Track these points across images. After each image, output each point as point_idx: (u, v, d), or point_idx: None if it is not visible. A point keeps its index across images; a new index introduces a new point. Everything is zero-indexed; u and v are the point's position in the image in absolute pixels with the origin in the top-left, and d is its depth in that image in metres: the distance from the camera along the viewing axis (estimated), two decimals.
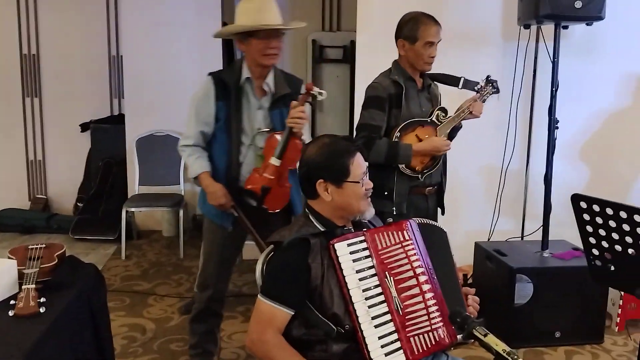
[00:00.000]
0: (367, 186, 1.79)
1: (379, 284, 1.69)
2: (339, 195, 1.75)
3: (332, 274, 1.68)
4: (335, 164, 1.75)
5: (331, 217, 1.79)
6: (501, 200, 3.76)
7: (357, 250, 1.70)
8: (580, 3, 3.06)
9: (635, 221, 1.75)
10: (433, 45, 2.64)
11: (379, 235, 1.74)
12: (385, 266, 1.70)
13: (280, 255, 1.75)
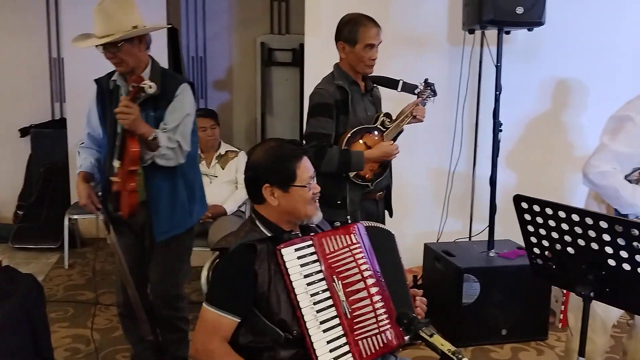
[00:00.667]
0: (314, 190, 1.77)
1: (327, 288, 1.67)
2: (286, 200, 1.73)
3: (279, 280, 1.65)
4: (281, 168, 1.72)
5: (278, 222, 1.76)
6: (449, 201, 3.82)
7: (304, 255, 1.69)
8: (521, 9, 3.15)
9: (573, 220, 1.79)
10: (373, 47, 2.59)
11: (326, 239, 1.73)
12: (333, 270, 1.69)
13: (226, 262, 1.71)
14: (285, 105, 5.02)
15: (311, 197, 1.76)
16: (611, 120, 2.29)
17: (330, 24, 3.52)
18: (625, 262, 1.73)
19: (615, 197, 2.18)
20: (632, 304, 1.85)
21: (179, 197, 2.46)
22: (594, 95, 3.87)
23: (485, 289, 3.14)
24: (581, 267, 1.84)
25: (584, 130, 3.86)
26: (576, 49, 3.82)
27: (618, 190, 2.16)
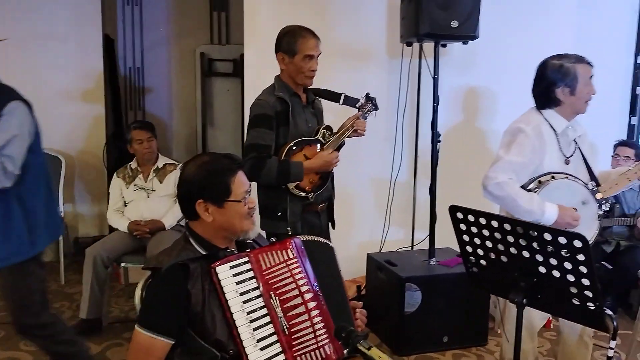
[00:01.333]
0: (250, 205, 1.74)
1: (264, 305, 1.65)
2: (221, 215, 1.69)
3: (214, 299, 1.61)
4: (215, 183, 1.68)
5: (212, 239, 1.72)
6: (391, 211, 3.86)
7: (240, 272, 1.65)
8: (456, 23, 3.23)
9: (505, 229, 1.84)
10: (313, 58, 2.60)
11: (263, 255, 1.70)
12: (270, 286, 1.67)
13: (158, 283, 1.66)
14: (227, 116, 4.96)
15: (247, 211, 1.73)
16: (505, 134, 2.40)
17: (269, 35, 3.51)
18: (554, 269, 1.78)
19: (513, 206, 2.24)
20: (561, 310, 1.91)
21: (14, 225, 2.32)
22: (527, 105, 4.00)
23: (426, 297, 3.18)
24: (514, 275, 1.89)
25: None
26: (510, 61, 3.95)
27: (515, 199, 2.23)
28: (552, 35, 4.18)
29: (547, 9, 4.19)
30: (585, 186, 2.31)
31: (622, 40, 4.84)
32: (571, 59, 2.35)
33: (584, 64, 2.34)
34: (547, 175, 2.29)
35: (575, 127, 2.40)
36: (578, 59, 2.35)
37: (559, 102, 2.35)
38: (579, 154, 2.40)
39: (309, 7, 3.70)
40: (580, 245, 1.69)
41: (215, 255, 1.67)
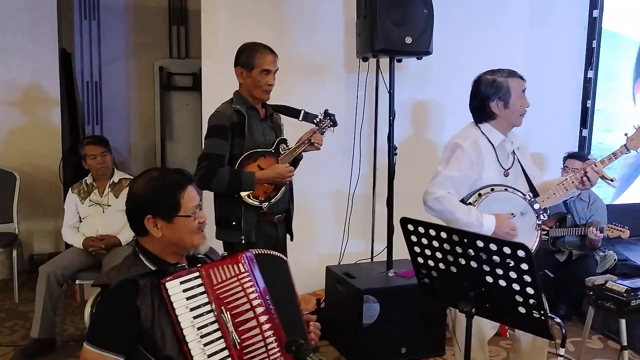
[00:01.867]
0: (200, 219, 1.74)
1: (215, 320, 1.64)
2: (170, 231, 1.68)
3: (164, 315, 1.60)
4: (164, 198, 1.68)
5: (162, 254, 1.71)
6: (350, 223, 3.89)
7: (191, 287, 1.64)
8: (410, 39, 3.30)
9: (454, 240, 1.88)
10: (270, 73, 2.68)
11: (214, 269, 1.69)
12: (221, 301, 1.66)
13: (106, 300, 1.64)
14: (186, 130, 4.93)
15: (197, 226, 1.72)
16: (445, 149, 2.48)
17: (227, 49, 3.54)
18: (501, 279, 1.83)
19: (452, 220, 2.30)
20: (509, 319, 1.96)
21: None
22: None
23: (384, 308, 3.21)
24: (463, 285, 1.93)
25: None
26: (464, 76, 4.03)
27: (453, 212, 2.30)
28: (505, 50, 4.31)
29: (499, 25, 4.33)
30: (524, 197, 2.38)
31: (573, 56, 5.02)
32: (503, 74, 2.43)
33: (516, 77, 2.43)
34: (487, 188, 2.36)
35: (512, 140, 2.48)
36: (510, 74, 2.43)
37: (495, 116, 2.43)
38: (517, 165, 2.47)
39: (267, 23, 3.73)
40: (524, 255, 1.74)
41: (165, 271, 1.66)
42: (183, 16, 5.06)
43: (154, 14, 4.98)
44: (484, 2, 4.27)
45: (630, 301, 2.39)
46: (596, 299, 2.49)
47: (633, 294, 2.42)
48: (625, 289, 2.43)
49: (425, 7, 3.32)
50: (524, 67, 4.46)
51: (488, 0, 4.28)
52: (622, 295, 2.41)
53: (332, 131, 2.87)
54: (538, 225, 2.38)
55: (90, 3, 5.05)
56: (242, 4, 3.69)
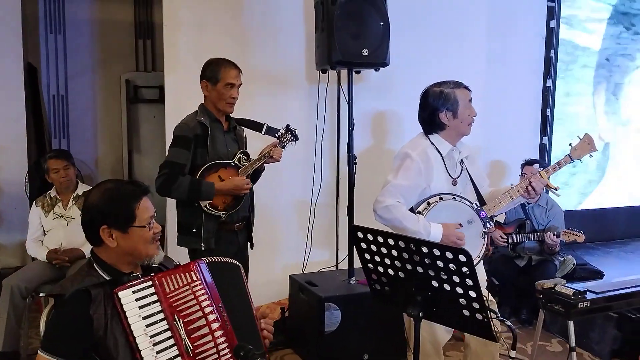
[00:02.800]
0: (155, 230, 1.77)
1: (168, 328, 1.67)
2: (125, 241, 1.72)
3: (117, 324, 1.63)
4: (119, 209, 1.71)
5: (117, 264, 1.75)
6: (313, 233, 3.94)
7: (144, 296, 1.68)
8: (367, 51, 3.39)
9: (401, 246, 1.95)
10: (234, 87, 2.79)
11: (167, 278, 1.73)
12: (174, 309, 1.69)
13: (60, 309, 1.67)
14: (153, 143, 4.94)
15: (152, 237, 1.76)
16: (395, 159, 2.55)
17: (189, 62, 3.60)
18: (445, 283, 1.90)
19: (401, 228, 2.36)
20: (455, 321, 2.02)
21: None
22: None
23: (346, 315, 3.26)
24: (411, 290, 2.00)
25: None
26: (422, 87, 4.15)
27: (402, 221, 2.36)
28: (465, 61, 4.44)
29: (458, 37, 4.46)
30: (471, 206, 2.46)
31: (531, 65, 5.18)
32: (450, 85, 2.51)
33: (462, 88, 2.51)
34: (435, 197, 2.43)
35: (460, 149, 2.55)
36: (456, 85, 2.51)
37: (444, 126, 2.50)
38: (466, 174, 2.54)
39: (229, 36, 3.79)
40: (465, 260, 1.81)
41: (118, 280, 1.69)
42: (149, 29, 5.10)
43: (120, 28, 5.00)
44: (442, 15, 4.40)
45: (577, 303, 2.48)
46: (546, 302, 2.57)
47: (580, 297, 2.51)
48: (572, 291, 2.52)
49: (381, 20, 3.42)
50: (484, 78, 4.64)
51: (446, 13, 4.41)
52: (570, 298, 2.49)
53: (293, 145, 2.96)
54: (484, 233, 2.46)
55: (55, 17, 5.05)
56: (204, 18, 3.75)
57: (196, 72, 2.86)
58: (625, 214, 5.72)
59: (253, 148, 2.98)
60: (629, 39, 5.40)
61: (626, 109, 5.51)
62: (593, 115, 5.49)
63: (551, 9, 5.15)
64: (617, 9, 5.31)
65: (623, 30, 5.36)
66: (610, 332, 3.57)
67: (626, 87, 5.48)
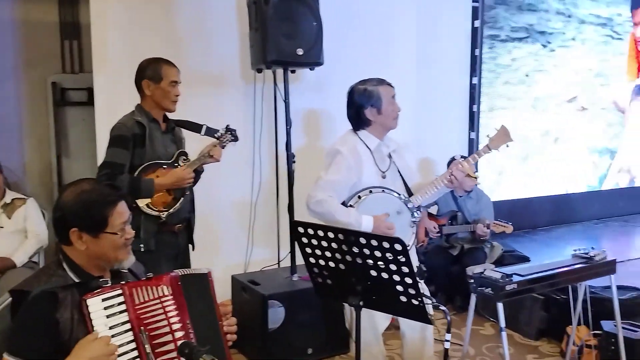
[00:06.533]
0: (127, 236, 1.73)
1: (133, 339, 1.64)
2: (95, 245, 1.68)
3: (82, 329, 1.59)
4: (92, 214, 1.67)
5: (86, 266, 1.70)
6: (254, 231, 3.96)
7: (112, 304, 1.63)
8: (301, 50, 3.44)
9: (340, 239, 2.01)
10: (176, 84, 2.79)
11: (137, 289, 1.68)
12: (141, 321, 1.66)
13: (25, 309, 1.60)
14: (83, 146, 4.77)
15: (123, 242, 1.72)
16: (326, 155, 2.64)
17: (119, 62, 3.53)
18: (383, 272, 1.98)
19: (333, 222, 2.44)
20: (393, 308, 2.12)
21: None
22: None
23: (290, 312, 3.30)
24: (351, 280, 2.07)
25: None
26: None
27: (334, 215, 2.46)
28: (396, 60, 4.57)
29: (388, 37, 4.59)
30: (399, 197, 2.57)
31: (459, 64, 5.40)
32: (373, 82, 2.62)
33: (385, 85, 2.63)
34: (365, 190, 2.54)
35: (387, 144, 2.67)
36: (379, 82, 2.63)
37: (370, 122, 2.61)
38: (394, 167, 2.66)
39: (160, 35, 3.73)
40: (401, 248, 1.90)
41: (87, 284, 1.65)
42: (76, 30, 4.92)
43: (45, 29, 4.80)
44: (373, 15, 4.51)
45: (505, 286, 2.63)
46: (476, 286, 2.71)
47: (508, 279, 2.66)
48: (501, 275, 2.67)
49: (314, 20, 3.48)
50: (414, 76, 4.80)
51: (376, 14, 4.52)
52: (498, 281, 2.64)
53: (233, 145, 2.97)
54: (413, 222, 2.58)
55: None
56: (133, 17, 3.68)
57: (127, 73, 2.82)
58: (549, 203, 6.08)
59: (191, 149, 2.96)
60: (546, 56, 5.77)
61: (545, 121, 5.90)
62: (515, 129, 5.83)
63: (475, 9, 5.39)
64: (534, 28, 5.67)
65: (540, 47, 5.72)
66: (538, 313, 3.80)
67: (545, 100, 5.86)
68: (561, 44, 5.87)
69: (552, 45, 5.82)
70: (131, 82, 2.81)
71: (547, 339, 3.77)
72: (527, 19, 5.61)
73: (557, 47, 5.84)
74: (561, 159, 6.04)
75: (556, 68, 5.87)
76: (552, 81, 5.86)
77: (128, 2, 3.68)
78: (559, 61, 5.88)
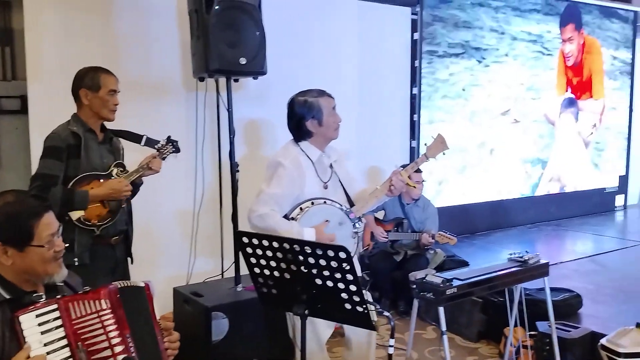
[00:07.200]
0: (56, 248, 1.68)
1: (70, 355, 1.59)
2: (22, 260, 1.61)
3: (15, 348, 1.53)
4: (16, 226, 1.60)
5: (16, 281, 1.63)
6: (197, 242, 3.90)
7: (47, 320, 1.58)
8: (244, 60, 3.43)
9: (285, 248, 2.01)
10: (115, 93, 2.74)
11: (73, 304, 1.63)
12: (78, 337, 1.61)
13: None
14: (17, 156, 4.56)
15: (52, 255, 1.66)
16: (267, 167, 2.63)
17: (54, 70, 3.42)
18: (328, 280, 1.99)
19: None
20: (338, 316, 2.13)
21: None
22: None
23: (234, 323, 3.27)
24: (297, 289, 2.07)
25: None
26: None
27: (276, 229, 2.45)
28: (338, 70, 4.65)
29: (331, 48, 4.67)
30: (341, 208, 2.60)
31: (399, 75, 5.54)
32: (313, 94, 2.63)
33: (326, 96, 2.64)
34: (308, 202, 2.54)
35: (329, 154, 2.68)
36: (320, 93, 2.64)
37: (311, 134, 2.62)
38: (335, 178, 2.68)
39: (98, 43, 3.65)
40: (345, 256, 1.92)
41: (19, 300, 1.59)
42: (8, 36, 4.73)
43: None
44: (315, 26, 4.57)
45: (445, 290, 2.70)
46: (419, 291, 2.77)
47: (448, 284, 2.73)
48: (441, 279, 2.73)
49: (257, 30, 3.48)
50: (356, 87, 4.88)
51: (318, 25, 4.59)
52: (439, 286, 2.71)
53: (175, 156, 2.93)
54: (354, 233, 2.61)
55: None
56: (69, 23, 3.58)
57: (63, 81, 2.74)
58: (487, 209, 6.30)
59: (131, 160, 2.89)
60: (481, 71, 6.02)
61: (481, 133, 6.13)
62: (454, 140, 6.03)
63: (415, 22, 5.55)
64: (470, 44, 5.90)
65: (476, 63, 5.95)
66: (477, 316, 3.93)
67: (480, 114, 6.09)
68: (495, 59, 6.14)
69: (487, 60, 6.08)
70: (67, 90, 2.73)
71: (486, 340, 3.90)
72: (462, 36, 5.85)
73: (491, 63, 6.11)
74: (497, 168, 6.29)
75: (490, 83, 6.13)
76: (486, 95, 6.11)
77: (63, 7, 3.57)
78: (493, 76, 6.14)
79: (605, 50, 7.21)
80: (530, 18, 6.39)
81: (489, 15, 6.05)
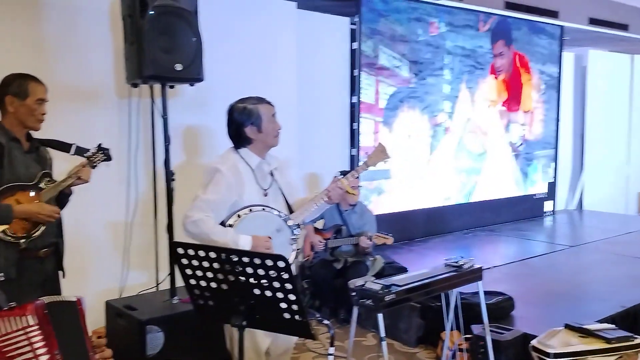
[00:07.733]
0: None
1: None
2: None
3: None
4: None
5: None
6: (130, 254, 3.77)
7: None
8: (180, 66, 3.35)
9: (222, 259, 1.97)
10: (43, 102, 2.64)
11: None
12: (3, 355, 1.54)
13: None
14: None
15: None
16: (205, 174, 2.60)
17: None
18: (267, 290, 1.96)
19: (209, 242, 2.41)
20: (277, 326, 2.10)
21: None
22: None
23: (170, 336, 3.17)
24: (234, 300, 2.02)
25: None
26: None
27: (209, 235, 2.42)
28: (277, 77, 4.63)
29: (270, 56, 4.65)
30: (279, 215, 2.59)
31: (339, 83, 5.59)
32: (253, 101, 2.62)
33: (265, 103, 2.63)
34: (245, 209, 2.51)
35: (269, 161, 2.67)
36: (259, 100, 2.63)
37: (251, 140, 2.60)
38: (276, 185, 2.67)
39: (25, 46, 3.48)
40: (284, 265, 1.90)
41: None
42: None
43: None
44: (253, 33, 4.54)
45: (384, 296, 2.72)
46: (358, 298, 2.78)
47: (387, 290, 2.75)
48: (380, 286, 2.75)
49: (194, 36, 3.40)
50: (295, 94, 4.88)
51: (257, 32, 4.56)
52: (378, 292, 2.72)
53: (107, 165, 2.82)
54: (292, 240, 2.60)
55: None
56: None
57: None
58: (424, 215, 6.43)
59: (61, 170, 2.76)
60: (418, 84, 6.18)
61: (418, 144, 6.31)
62: (393, 150, 6.14)
63: (353, 31, 5.62)
64: (407, 58, 6.07)
65: (412, 76, 6.11)
66: (415, 321, 3.98)
67: (418, 125, 6.28)
68: (431, 72, 6.30)
69: (423, 73, 6.24)
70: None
71: (424, 345, 3.96)
72: (400, 49, 5.97)
73: (427, 76, 6.27)
74: (433, 177, 6.46)
75: (427, 95, 6.30)
76: (423, 107, 6.29)
77: None
78: (429, 88, 6.31)
79: (534, 64, 7.57)
80: (465, 34, 6.65)
81: (425, 30, 6.23)
